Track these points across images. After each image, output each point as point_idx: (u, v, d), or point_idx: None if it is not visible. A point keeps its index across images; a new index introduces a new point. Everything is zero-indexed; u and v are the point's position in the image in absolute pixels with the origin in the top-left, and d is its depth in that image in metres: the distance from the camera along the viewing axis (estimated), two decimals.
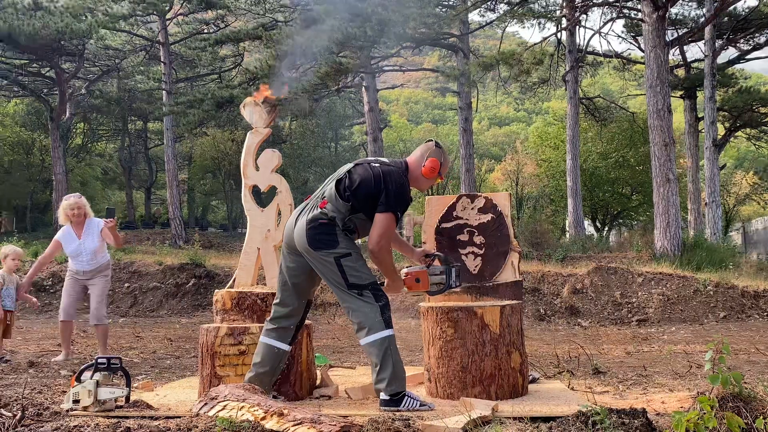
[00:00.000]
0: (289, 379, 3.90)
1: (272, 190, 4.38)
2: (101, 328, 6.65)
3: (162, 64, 26.68)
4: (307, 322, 4.21)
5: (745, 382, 3.23)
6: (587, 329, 11.10)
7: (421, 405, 3.57)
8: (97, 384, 3.56)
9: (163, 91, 26.97)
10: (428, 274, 3.82)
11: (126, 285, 14.01)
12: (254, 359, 3.73)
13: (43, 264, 6.94)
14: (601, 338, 9.49)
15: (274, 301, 3.81)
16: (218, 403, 3.21)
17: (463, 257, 4.07)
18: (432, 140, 3.93)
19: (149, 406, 3.64)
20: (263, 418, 2.92)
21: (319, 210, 3.72)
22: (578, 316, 12.24)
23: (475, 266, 4.05)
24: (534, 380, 4.46)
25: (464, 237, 4.10)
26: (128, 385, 3.75)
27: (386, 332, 3.71)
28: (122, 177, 36.02)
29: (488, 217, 4.08)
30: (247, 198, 4.32)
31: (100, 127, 35.47)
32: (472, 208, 4.10)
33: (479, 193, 4.18)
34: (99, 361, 3.69)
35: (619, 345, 8.46)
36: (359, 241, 3.90)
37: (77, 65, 27.87)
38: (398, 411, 3.48)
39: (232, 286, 4.26)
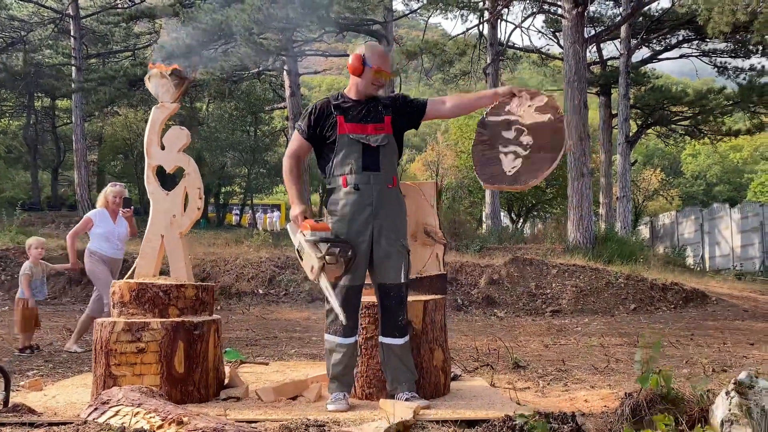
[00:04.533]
0: (192, 379, 3.56)
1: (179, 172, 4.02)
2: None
3: (72, 38, 25.30)
4: (215, 316, 3.89)
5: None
6: (503, 319, 11.15)
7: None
8: None
9: (73, 67, 25.59)
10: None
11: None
12: None
13: (75, 239, 6.79)
14: (517, 329, 9.51)
15: None
16: (110, 408, 2.86)
17: (501, 156, 3.56)
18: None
19: (31, 411, 3.23)
20: (160, 427, 2.60)
21: None
22: (495, 307, 12.30)
23: (512, 167, 3.53)
24: (455, 377, 4.29)
25: (510, 134, 3.58)
26: (7, 387, 3.33)
27: (327, 336, 3.64)
28: (27, 156, 34.08)
29: (546, 117, 3.54)
30: (150, 179, 3.93)
31: (3, 102, 33.39)
32: (530, 106, 3.57)
33: (542, 92, 3.67)
34: None
35: (536, 337, 8.47)
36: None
37: None
38: None
39: (131, 277, 3.88)
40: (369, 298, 3.74)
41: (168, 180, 5.66)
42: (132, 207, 6.59)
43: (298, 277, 13.23)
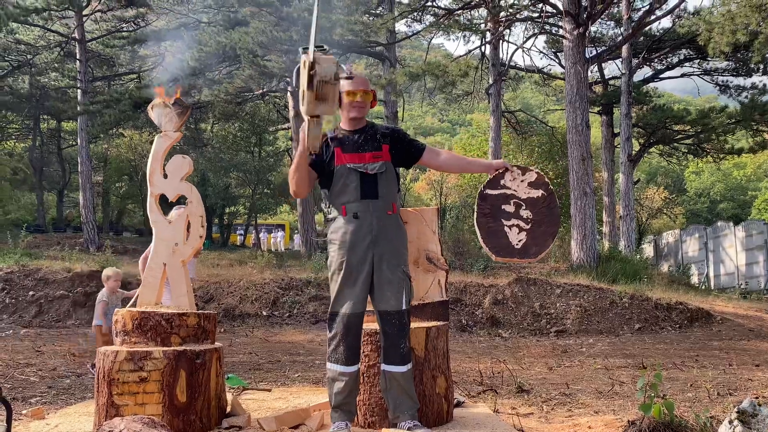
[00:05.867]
0: (194, 408, 3.56)
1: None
2: None
3: (77, 61, 25.52)
4: (217, 344, 3.90)
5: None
6: (508, 340, 11.12)
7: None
8: None
9: (78, 90, 25.79)
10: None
11: (31, 293, 13.14)
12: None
13: (146, 263, 7.05)
14: (521, 350, 9.48)
15: None
16: None
17: (507, 229, 3.77)
18: None
19: None
20: None
21: None
22: (499, 327, 12.27)
23: (519, 241, 3.75)
24: (459, 404, 4.28)
25: (510, 208, 3.79)
26: (9, 418, 3.33)
27: (328, 365, 3.61)
28: (33, 178, 34.29)
29: (539, 193, 3.79)
30: (153, 208, 3.95)
31: (9, 125, 33.69)
32: (522, 181, 3.81)
33: (531, 168, 3.89)
34: None
35: (540, 358, 8.44)
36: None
37: None
38: None
39: (134, 305, 3.89)
40: (371, 325, 3.74)
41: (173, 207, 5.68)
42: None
43: (302, 298, 13.23)
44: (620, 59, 23.83)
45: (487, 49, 23.01)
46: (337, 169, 3.60)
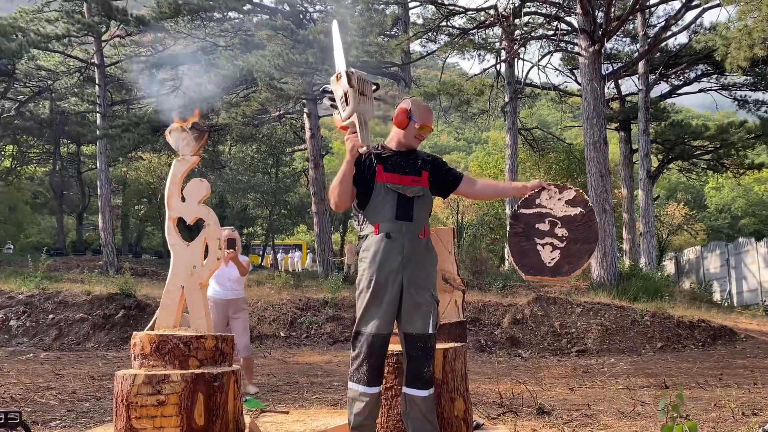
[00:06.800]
0: None
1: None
2: (248, 360, 7.07)
3: (97, 86, 25.90)
4: (235, 366, 3.89)
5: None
6: (528, 360, 11.01)
7: None
8: None
9: (98, 114, 26.15)
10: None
11: (50, 316, 13.24)
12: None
13: None
14: (542, 371, 9.38)
15: None
16: None
17: (539, 247, 3.71)
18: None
19: None
20: None
21: None
22: (519, 347, 12.16)
23: (552, 259, 3.67)
24: (478, 427, 4.22)
25: (544, 227, 3.74)
26: None
27: (350, 384, 3.55)
28: (53, 201, 34.71)
29: (577, 210, 3.72)
30: (171, 231, 3.95)
31: (30, 149, 34.19)
32: (559, 199, 3.76)
33: (569, 186, 3.84)
34: None
35: (561, 379, 8.34)
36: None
37: (7, 85, 26.79)
38: None
39: (152, 328, 3.89)
40: (391, 346, 3.71)
41: (193, 229, 5.70)
42: (234, 248, 6.74)
43: (320, 319, 13.21)
44: (637, 75, 23.79)
45: (503, 68, 23.05)
46: (375, 186, 3.59)
